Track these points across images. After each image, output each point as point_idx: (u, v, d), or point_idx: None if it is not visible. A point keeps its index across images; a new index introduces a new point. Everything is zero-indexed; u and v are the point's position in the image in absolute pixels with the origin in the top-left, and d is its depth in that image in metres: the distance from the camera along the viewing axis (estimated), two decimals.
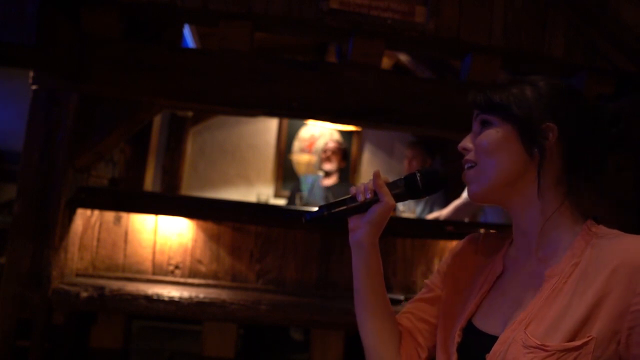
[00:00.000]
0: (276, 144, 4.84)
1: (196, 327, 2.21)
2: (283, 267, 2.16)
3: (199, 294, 1.91)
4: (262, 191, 4.65)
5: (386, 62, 4.06)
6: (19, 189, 1.82)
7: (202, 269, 2.13)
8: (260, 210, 2.06)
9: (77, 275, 2.02)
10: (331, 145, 3.66)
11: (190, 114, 4.35)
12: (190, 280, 2.10)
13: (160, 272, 2.10)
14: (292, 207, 3.37)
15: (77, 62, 1.77)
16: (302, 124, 4.85)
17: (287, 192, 4.40)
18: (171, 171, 4.29)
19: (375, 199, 0.81)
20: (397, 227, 2.19)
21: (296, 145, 4.85)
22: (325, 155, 3.64)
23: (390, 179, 0.85)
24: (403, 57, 3.92)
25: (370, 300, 0.85)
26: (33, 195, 1.82)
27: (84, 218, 2.05)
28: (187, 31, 3.21)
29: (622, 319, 0.62)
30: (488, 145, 0.76)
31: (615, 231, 0.72)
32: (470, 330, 0.79)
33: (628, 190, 2.12)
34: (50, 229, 1.83)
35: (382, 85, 1.93)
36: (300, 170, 4.80)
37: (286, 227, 2.16)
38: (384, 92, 1.92)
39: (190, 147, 4.62)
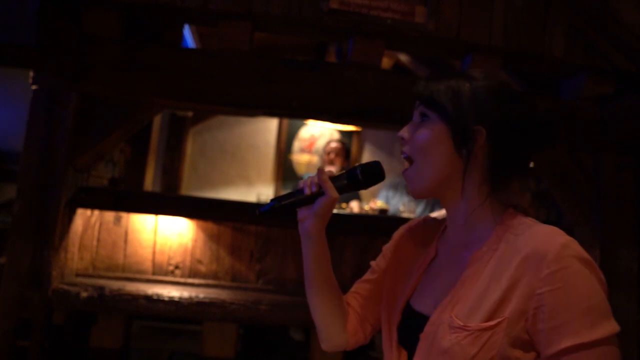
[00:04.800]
0: (276, 144, 4.83)
1: (196, 327, 2.21)
2: (283, 267, 2.17)
3: (199, 294, 1.91)
4: (262, 191, 4.65)
5: (386, 62, 4.06)
6: (19, 189, 1.82)
7: (202, 269, 2.13)
8: None
9: (77, 275, 2.02)
10: (334, 145, 3.64)
11: (190, 114, 4.35)
12: (190, 280, 2.10)
13: (160, 272, 2.10)
14: None
15: (77, 62, 1.77)
16: (302, 124, 4.84)
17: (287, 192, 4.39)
18: (171, 171, 4.29)
19: (321, 192, 0.86)
20: (398, 227, 2.18)
21: (296, 145, 4.85)
22: (329, 157, 3.61)
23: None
24: (403, 57, 3.92)
25: (318, 282, 0.96)
26: (33, 195, 1.82)
27: (84, 218, 2.05)
28: (187, 31, 3.21)
29: (530, 301, 0.70)
30: (423, 144, 0.83)
31: (530, 221, 0.79)
32: (408, 310, 0.87)
33: (628, 190, 2.12)
34: (50, 229, 1.82)
35: (382, 85, 1.93)
36: (301, 170, 4.79)
37: (286, 227, 2.16)
38: (384, 92, 1.92)
39: (190, 147, 4.62)
